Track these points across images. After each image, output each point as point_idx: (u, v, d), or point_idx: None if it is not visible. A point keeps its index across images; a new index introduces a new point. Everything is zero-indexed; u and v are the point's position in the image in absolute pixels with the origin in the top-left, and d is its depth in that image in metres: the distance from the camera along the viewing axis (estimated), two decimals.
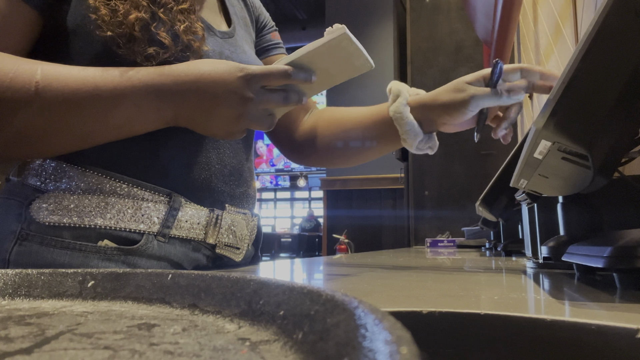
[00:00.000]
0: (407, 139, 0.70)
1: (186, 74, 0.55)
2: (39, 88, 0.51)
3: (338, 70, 0.60)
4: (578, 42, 0.52)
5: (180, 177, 0.63)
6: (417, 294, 0.35)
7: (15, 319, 0.23)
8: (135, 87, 0.53)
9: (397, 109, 0.69)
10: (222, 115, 0.56)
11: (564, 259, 0.45)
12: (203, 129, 0.58)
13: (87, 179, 0.58)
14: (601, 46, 0.34)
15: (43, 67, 0.52)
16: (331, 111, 0.83)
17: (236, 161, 0.70)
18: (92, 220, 0.56)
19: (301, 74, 0.56)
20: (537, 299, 0.33)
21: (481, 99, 0.63)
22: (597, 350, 0.23)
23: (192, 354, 0.17)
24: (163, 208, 0.60)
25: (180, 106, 0.55)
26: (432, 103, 0.68)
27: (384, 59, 4.39)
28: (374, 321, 0.14)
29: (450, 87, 0.67)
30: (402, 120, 0.69)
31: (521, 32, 2.42)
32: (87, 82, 0.52)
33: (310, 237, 9.10)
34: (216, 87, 0.54)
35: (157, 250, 0.60)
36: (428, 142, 0.71)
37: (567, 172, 0.39)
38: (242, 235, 0.71)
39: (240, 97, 0.54)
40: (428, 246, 1.95)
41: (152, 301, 0.27)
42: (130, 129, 0.56)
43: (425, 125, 0.70)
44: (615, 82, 0.34)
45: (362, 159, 0.80)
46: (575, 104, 0.36)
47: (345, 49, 0.57)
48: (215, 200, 0.66)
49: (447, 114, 0.66)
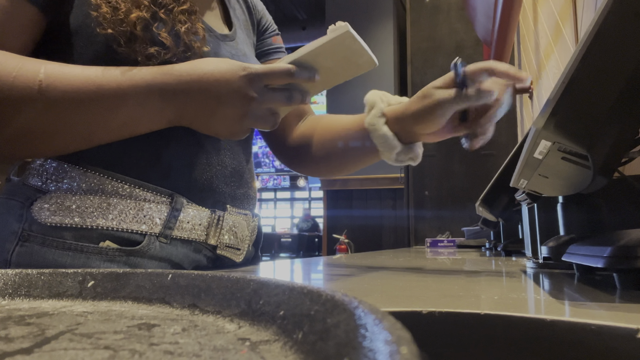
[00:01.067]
0: (382, 151, 0.67)
1: (189, 73, 0.55)
2: (42, 87, 0.51)
3: (341, 68, 0.60)
4: (578, 42, 0.52)
5: (182, 178, 0.63)
6: (417, 294, 0.35)
7: (15, 319, 0.23)
8: (138, 87, 0.53)
9: (371, 120, 0.67)
10: (225, 114, 0.56)
11: (564, 259, 0.45)
12: (206, 129, 0.58)
13: (89, 180, 0.58)
14: (601, 46, 0.34)
15: (46, 66, 0.52)
16: (321, 119, 0.82)
17: (237, 162, 0.70)
18: (94, 221, 0.56)
19: (304, 73, 0.56)
20: (537, 299, 0.33)
21: (448, 103, 0.59)
22: (597, 350, 0.23)
23: (192, 354, 0.17)
24: (165, 209, 0.60)
25: (183, 106, 0.55)
26: (403, 114, 0.64)
27: (384, 59, 4.38)
28: (374, 321, 0.14)
29: (419, 95, 0.63)
30: (375, 132, 0.66)
31: (521, 32, 2.42)
32: (91, 81, 0.52)
33: (310, 237, 9.10)
34: (219, 86, 0.54)
35: (158, 251, 0.60)
36: (408, 153, 0.68)
37: (567, 172, 0.39)
38: (243, 236, 0.71)
39: (243, 96, 0.54)
40: (428, 246, 1.95)
41: (152, 301, 0.27)
42: (134, 128, 0.56)
43: (403, 137, 0.67)
44: (615, 82, 0.34)
45: (347, 169, 0.78)
46: (575, 104, 0.36)
47: (349, 47, 0.56)
48: (216, 201, 0.66)
49: (418, 123, 0.63)
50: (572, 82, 0.35)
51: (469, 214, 2.04)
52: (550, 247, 0.55)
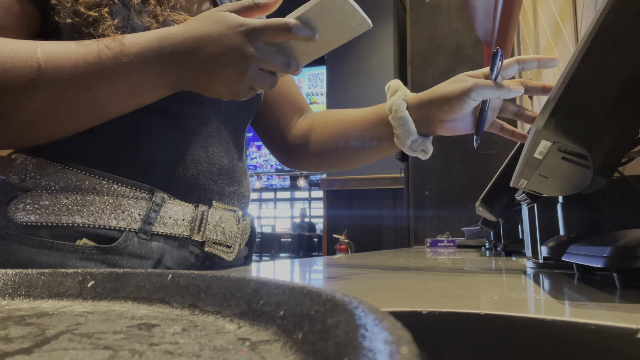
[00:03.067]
0: (399, 135, 0.67)
1: (184, 36, 0.54)
2: (41, 65, 0.50)
3: (334, 32, 0.57)
4: (578, 42, 0.52)
5: (164, 174, 0.62)
6: (417, 294, 0.35)
7: (15, 319, 0.23)
8: (137, 54, 0.53)
9: (395, 101, 0.67)
10: (225, 74, 0.54)
11: (564, 259, 0.45)
12: (208, 92, 0.57)
13: (67, 176, 0.57)
14: (601, 46, 0.34)
15: (42, 45, 0.52)
16: (327, 113, 0.82)
17: (227, 160, 0.69)
18: (70, 218, 0.56)
19: (305, 30, 0.54)
20: (537, 299, 0.33)
21: (483, 88, 0.62)
22: (597, 350, 0.23)
23: (192, 354, 0.17)
24: (145, 205, 0.59)
25: (183, 69, 0.54)
26: (431, 96, 0.65)
27: (384, 59, 4.38)
28: (374, 321, 0.14)
29: (451, 80, 0.65)
30: (397, 114, 0.67)
31: (521, 32, 2.42)
32: (89, 54, 0.52)
33: (310, 237, 9.10)
34: (216, 46, 0.53)
35: (137, 248, 0.59)
36: (422, 144, 0.68)
37: (567, 172, 0.39)
38: (232, 232, 0.70)
39: (241, 54, 0.53)
40: (428, 246, 1.95)
41: (152, 301, 0.27)
42: (140, 97, 0.56)
43: (421, 125, 0.67)
44: (615, 82, 0.34)
45: (358, 161, 0.79)
46: (575, 104, 0.36)
47: (339, 8, 0.54)
48: (202, 198, 0.65)
49: (447, 104, 0.64)
50: (572, 82, 0.35)
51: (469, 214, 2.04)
52: (550, 247, 0.55)
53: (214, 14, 0.55)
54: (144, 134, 0.61)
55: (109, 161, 0.60)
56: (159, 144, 0.62)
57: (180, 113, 0.64)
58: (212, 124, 0.68)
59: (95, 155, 0.59)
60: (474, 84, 0.62)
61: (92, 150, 0.59)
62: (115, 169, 0.59)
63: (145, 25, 0.58)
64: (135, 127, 0.61)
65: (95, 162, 0.59)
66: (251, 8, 0.55)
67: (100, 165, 0.59)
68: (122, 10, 0.58)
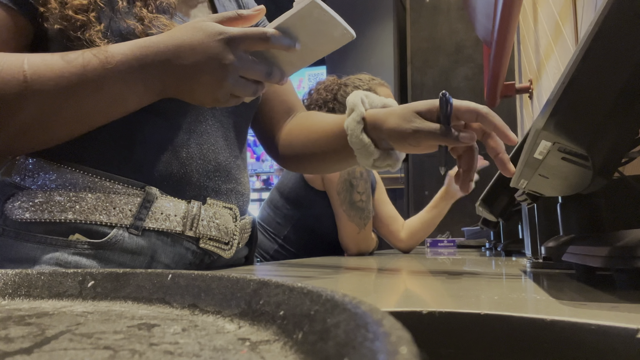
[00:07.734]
0: (358, 156, 0.66)
1: (166, 44, 0.55)
2: (27, 77, 0.51)
3: (316, 42, 0.57)
4: (578, 42, 0.52)
5: (157, 171, 0.63)
6: (417, 294, 0.35)
7: (15, 319, 0.23)
8: (119, 62, 0.54)
9: (349, 125, 0.65)
10: (205, 82, 0.55)
11: (564, 259, 0.45)
12: (191, 99, 0.58)
13: (62, 174, 0.59)
14: (601, 46, 0.34)
15: (29, 57, 0.53)
16: (304, 119, 0.82)
17: (223, 157, 0.69)
18: (63, 214, 0.57)
19: (284, 40, 0.54)
20: (537, 299, 0.33)
21: (425, 135, 0.58)
22: (597, 350, 0.23)
23: (192, 354, 0.17)
24: (136, 201, 0.60)
25: (165, 76, 0.55)
26: (381, 125, 0.63)
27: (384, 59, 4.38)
28: (374, 321, 0.14)
29: (399, 113, 0.62)
30: (352, 138, 0.65)
31: (521, 32, 2.42)
32: (73, 65, 0.53)
33: None
34: (196, 54, 0.54)
35: (128, 243, 0.59)
36: (386, 159, 0.66)
37: (567, 172, 0.39)
38: (228, 229, 0.69)
39: (219, 62, 0.53)
40: (428, 246, 1.95)
41: (152, 301, 0.27)
42: (124, 105, 0.57)
43: (381, 144, 0.65)
44: (615, 82, 0.34)
45: (332, 170, 0.78)
46: (575, 104, 0.36)
47: (319, 19, 0.53)
48: (196, 195, 0.66)
49: (393, 141, 0.62)
50: (572, 82, 0.35)
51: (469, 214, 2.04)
52: (550, 247, 0.55)
53: (196, 23, 0.56)
54: (138, 132, 0.62)
55: (103, 159, 0.61)
56: (153, 141, 0.63)
57: (175, 111, 0.65)
58: (207, 121, 0.68)
59: (90, 153, 0.61)
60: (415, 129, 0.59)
61: (87, 148, 0.60)
62: (109, 166, 0.61)
63: (130, 28, 0.59)
64: (130, 126, 0.61)
65: (90, 160, 0.60)
66: (234, 19, 0.56)
67: (94, 163, 0.60)
68: (108, 13, 0.59)
